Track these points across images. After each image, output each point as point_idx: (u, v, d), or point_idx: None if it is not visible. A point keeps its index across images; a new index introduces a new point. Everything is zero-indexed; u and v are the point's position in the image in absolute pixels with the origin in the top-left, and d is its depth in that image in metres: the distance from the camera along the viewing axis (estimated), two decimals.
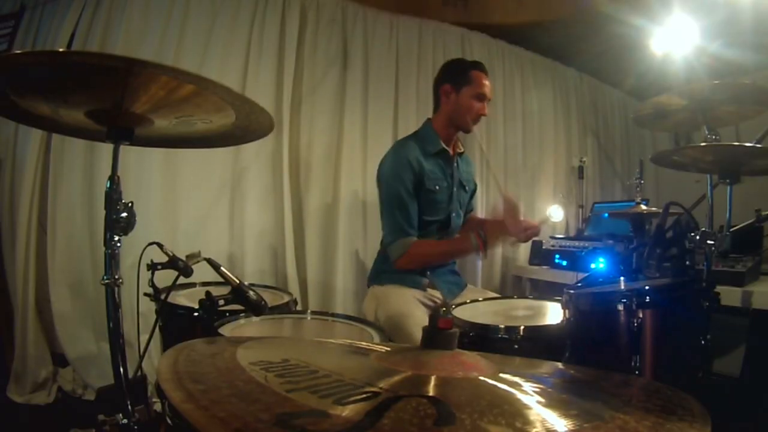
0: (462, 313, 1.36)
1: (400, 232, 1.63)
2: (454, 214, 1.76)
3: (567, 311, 1.12)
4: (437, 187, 1.69)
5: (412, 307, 1.57)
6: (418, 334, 0.63)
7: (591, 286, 1.34)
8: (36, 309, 1.94)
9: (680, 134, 2.97)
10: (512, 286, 2.88)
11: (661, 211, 1.52)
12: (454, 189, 1.76)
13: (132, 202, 0.90)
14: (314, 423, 0.39)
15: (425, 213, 1.68)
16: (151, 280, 1.19)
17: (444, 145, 1.74)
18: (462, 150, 1.85)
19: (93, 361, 1.95)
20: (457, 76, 1.73)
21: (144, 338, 1.44)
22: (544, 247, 2.66)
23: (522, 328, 1.18)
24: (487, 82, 1.72)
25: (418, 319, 1.49)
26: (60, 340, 1.93)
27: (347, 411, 0.42)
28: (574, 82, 3.37)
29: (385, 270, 1.72)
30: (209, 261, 1.11)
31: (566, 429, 0.43)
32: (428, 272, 1.72)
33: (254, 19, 2.23)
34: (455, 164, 1.78)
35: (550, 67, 3.24)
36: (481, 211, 2.68)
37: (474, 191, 1.93)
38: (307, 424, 0.39)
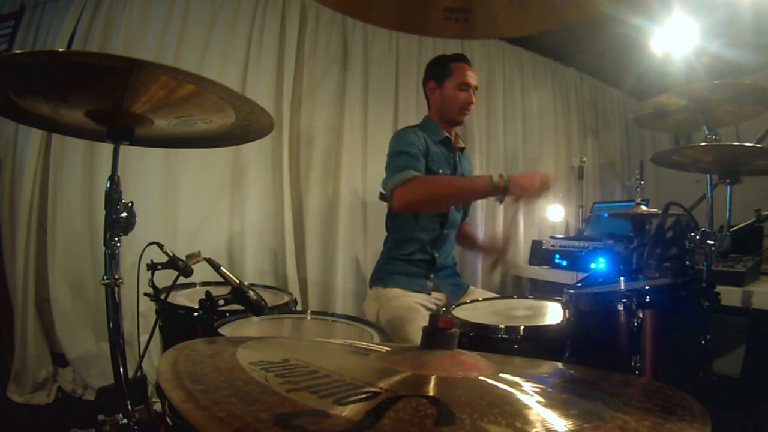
0: (462, 313, 1.36)
1: (404, 169, 1.50)
2: (453, 208, 1.75)
3: (567, 311, 1.12)
4: (441, 171, 1.69)
5: (415, 313, 1.53)
6: (418, 341, 0.63)
7: (591, 286, 1.33)
8: (36, 309, 1.94)
9: (680, 134, 2.98)
10: (512, 286, 2.88)
11: (661, 211, 1.52)
12: None
13: (132, 202, 0.90)
14: (314, 423, 0.39)
15: None
16: (151, 280, 1.19)
17: (447, 135, 1.75)
18: (463, 145, 1.85)
19: (93, 361, 1.95)
20: (438, 71, 1.74)
21: (144, 338, 1.45)
22: (544, 247, 2.66)
23: (522, 328, 1.18)
24: (469, 72, 1.71)
25: (420, 325, 1.46)
26: (60, 340, 1.93)
27: (347, 411, 0.42)
28: (574, 82, 3.37)
29: (389, 271, 1.71)
30: (209, 261, 1.11)
31: (566, 429, 0.43)
32: (432, 275, 1.71)
33: (254, 19, 2.24)
34: (458, 157, 1.79)
35: (550, 67, 3.24)
36: (480, 211, 2.68)
37: None
38: (307, 424, 0.39)
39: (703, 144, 1.49)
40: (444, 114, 1.75)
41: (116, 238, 0.89)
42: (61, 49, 1.68)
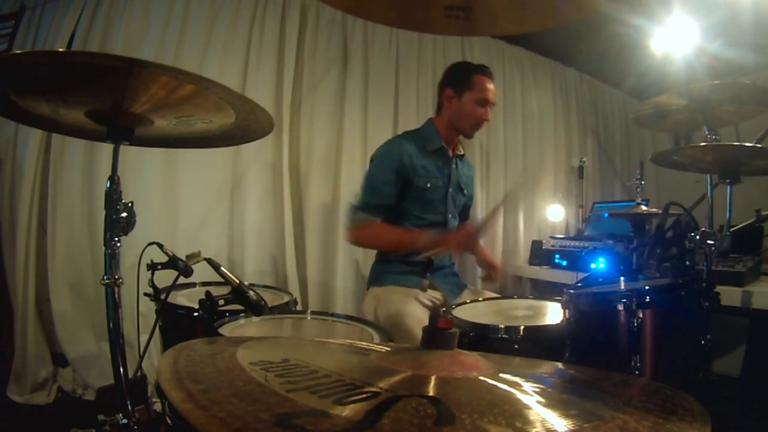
0: (462, 313, 1.36)
1: (366, 209, 1.63)
2: (450, 216, 1.75)
3: (567, 311, 1.12)
4: (429, 185, 1.68)
5: (412, 306, 1.56)
6: (418, 332, 0.63)
7: (591, 286, 1.33)
8: (36, 309, 1.94)
9: (680, 134, 2.98)
10: (512, 286, 2.88)
11: (661, 211, 1.52)
12: (450, 190, 1.75)
13: (132, 202, 0.90)
14: (314, 423, 0.39)
15: (417, 210, 1.68)
16: (151, 280, 1.19)
17: (444, 144, 1.74)
18: (462, 152, 1.84)
19: (93, 361, 1.95)
20: (459, 80, 1.70)
21: (144, 338, 1.45)
22: (544, 247, 2.66)
23: (522, 328, 1.18)
24: (490, 87, 1.69)
25: (418, 317, 1.48)
26: (60, 340, 1.93)
27: (347, 411, 0.42)
28: (574, 82, 3.37)
29: (385, 271, 1.72)
30: (209, 261, 1.11)
31: (566, 429, 0.43)
32: (428, 273, 1.72)
33: (254, 19, 2.23)
34: (454, 165, 1.77)
35: (550, 67, 3.24)
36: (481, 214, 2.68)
37: (472, 196, 1.93)
38: (307, 424, 0.39)
39: (703, 144, 1.48)
40: (456, 125, 1.73)
41: (116, 238, 0.88)
42: (61, 49, 1.68)
